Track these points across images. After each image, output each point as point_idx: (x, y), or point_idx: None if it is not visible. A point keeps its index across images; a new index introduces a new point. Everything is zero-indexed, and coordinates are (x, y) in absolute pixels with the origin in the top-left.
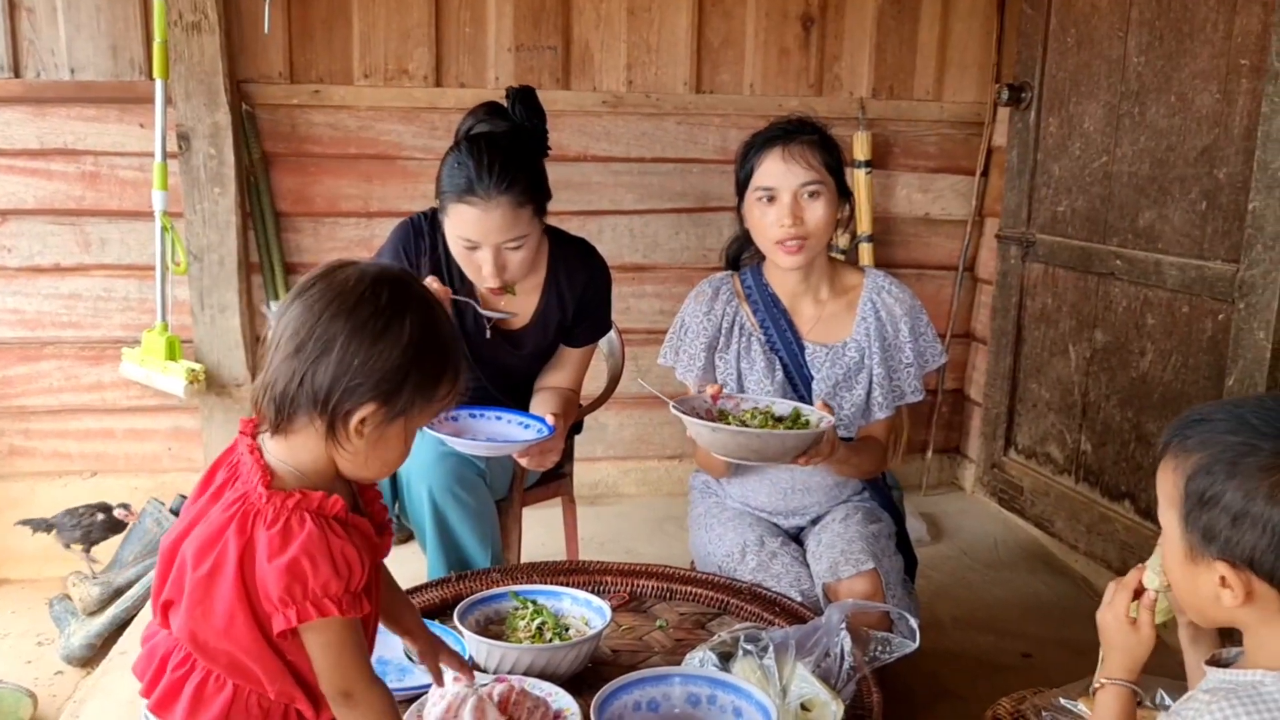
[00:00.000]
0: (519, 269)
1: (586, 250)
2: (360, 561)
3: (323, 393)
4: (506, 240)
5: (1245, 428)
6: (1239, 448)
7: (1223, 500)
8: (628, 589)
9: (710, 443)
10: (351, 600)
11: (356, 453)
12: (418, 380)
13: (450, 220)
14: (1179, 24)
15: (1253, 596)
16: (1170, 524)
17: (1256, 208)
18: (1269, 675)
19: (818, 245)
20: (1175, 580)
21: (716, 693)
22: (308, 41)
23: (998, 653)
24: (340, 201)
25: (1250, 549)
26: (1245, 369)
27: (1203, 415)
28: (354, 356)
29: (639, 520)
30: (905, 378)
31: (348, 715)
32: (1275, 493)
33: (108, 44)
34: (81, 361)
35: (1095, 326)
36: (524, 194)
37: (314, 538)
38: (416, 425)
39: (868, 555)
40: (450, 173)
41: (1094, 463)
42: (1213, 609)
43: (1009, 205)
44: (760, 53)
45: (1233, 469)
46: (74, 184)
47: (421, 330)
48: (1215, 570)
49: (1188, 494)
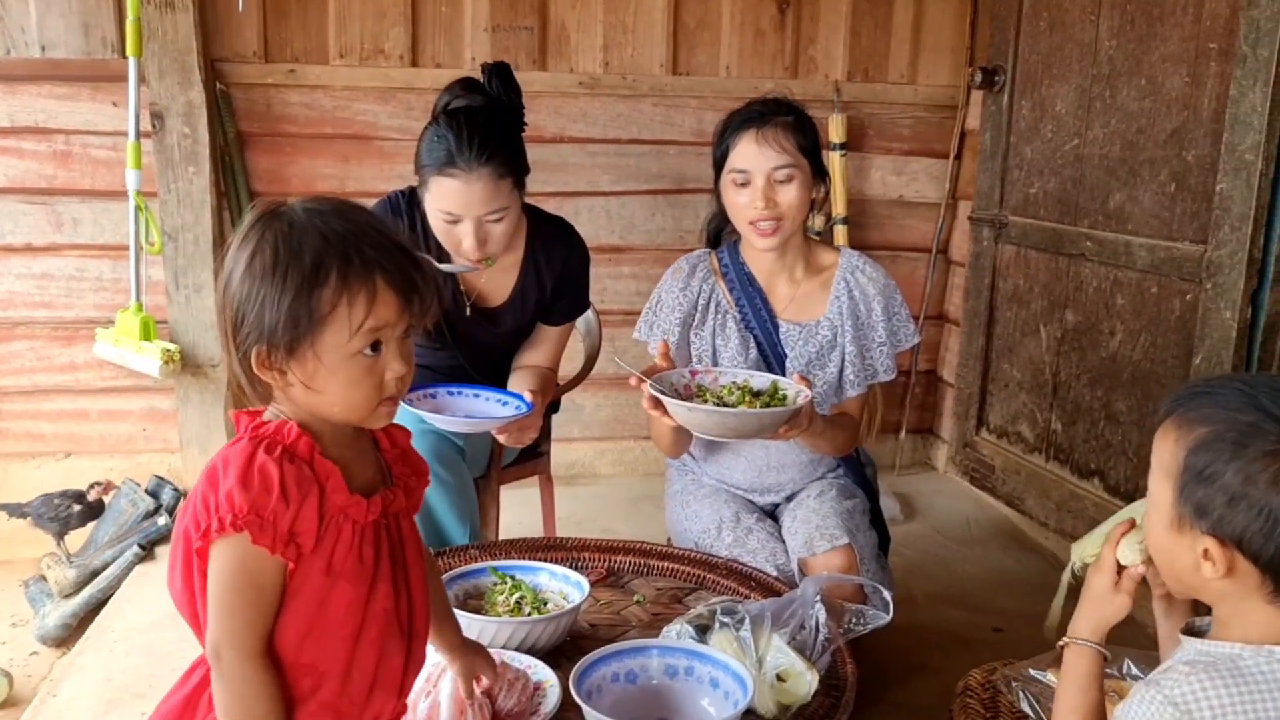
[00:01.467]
0: (499, 241)
1: (565, 229)
2: (290, 493)
3: (231, 344)
4: (488, 212)
5: (1254, 409)
6: (1246, 428)
7: (1222, 479)
8: (605, 565)
9: (688, 421)
10: (258, 525)
11: (301, 394)
12: (278, 302)
13: (431, 194)
14: (1149, 8)
15: (1233, 572)
16: (1162, 491)
17: (1224, 189)
18: (1247, 649)
19: (792, 227)
20: (1156, 545)
21: (694, 664)
22: (283, 20)
23: (969, 627)
24: (316, 181)
25: (1242, 530)
26: (1212, 348)
27: (1212, 388)
28: (231, 298)
29: (615, 500)
30: (878, 356)
31: (214, 682)
32: (1278, 479)
33: (79, 21)
34: (54, 342)
35: (1066, 307)
36: (504, 166)
37: (240, 451)
38: (343, 348)
39: (842, 531)
40: (430, 146)
41: (1064, 441)
42: (1190, 577)
43: (982, 188)
44: (736, 35)
45: (1237, 449)
46: (45, 163)
47: (274, 250)
48: (1201, 543)
49: (1187, 466)
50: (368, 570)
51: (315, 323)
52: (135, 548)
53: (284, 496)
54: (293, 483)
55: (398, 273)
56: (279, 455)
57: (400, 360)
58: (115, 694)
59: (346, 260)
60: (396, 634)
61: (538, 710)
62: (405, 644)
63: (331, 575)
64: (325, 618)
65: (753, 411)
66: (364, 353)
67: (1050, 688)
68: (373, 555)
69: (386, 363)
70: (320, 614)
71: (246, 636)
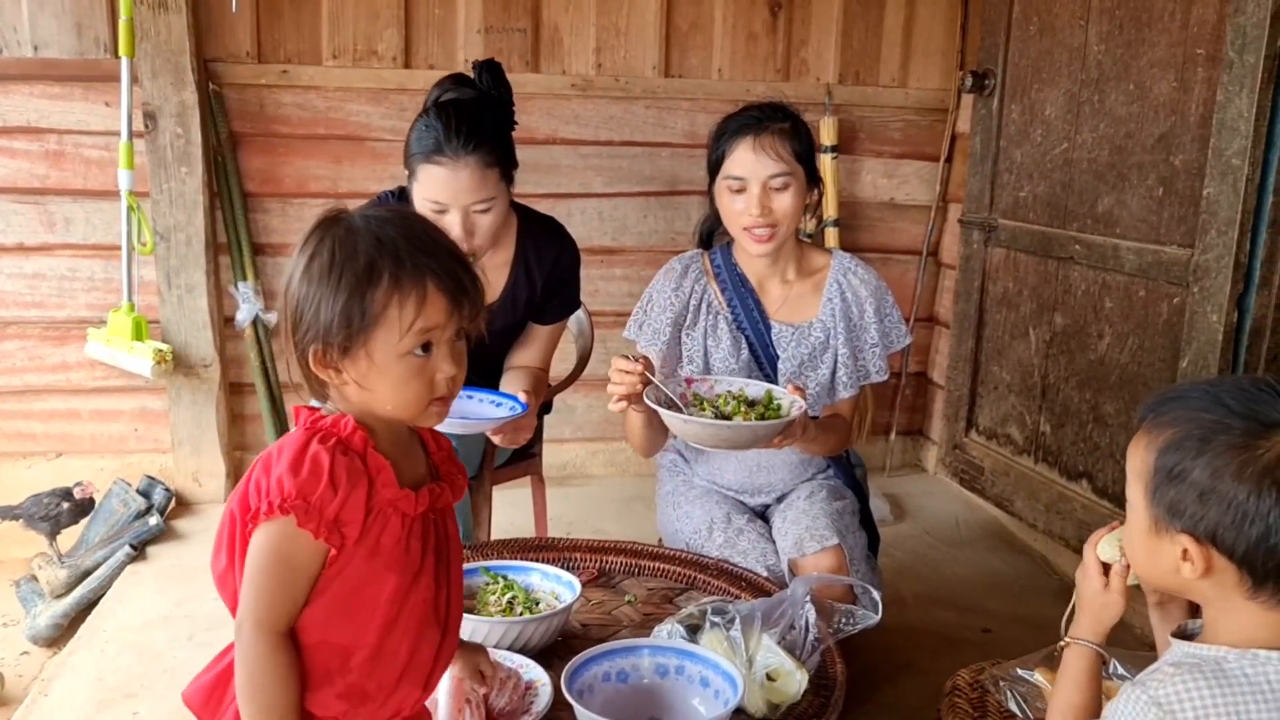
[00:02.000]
0: (487, 234)
1: (555, 228)
2: (340, 482)
3: (290, 342)
4: (474, 202)
5: (1219, 406)
6: (1211, 425)
7: (1191, 475)
8: (597, 565)
9: (683, 433)
10: (304, 509)
11: (355, 392)
12: (334, 303)
13: (419, 183)
14: (1138, 13)
15: (1211, 570)
16: (1136, 496)
17: (1211, 194)
18: (1232, 652)
19: (786, 233)
20: (1136, 552)
21: (684, 663)
22: (276, 21)
23: (958, 628)
24: (309, 182)
25: (1214, 524)
26: (1199, 351)
27: (1179, 393)
28: (291, 298)
29: (607, 501)
30: (870, 358)
31: (235, 655)
32: (1243, 471)
33: (72, 21)
34: (46, 342)
35: (1055, 310)
36: (491, 155)
37: (295, 439)
38: (394, 347)
39: (832, 531)
40: (418, 136)
41: (1053, 443)
42: (1172, 580)
43: (972, 191)
44: (728, 37)
45: (1203, 445)
46: (38, 163)
47: (330, 254)
48: (1178, 543)
49: (1157, 468)
50: (414, 562)
51: (368, 322)
52: (127, 548)
53: (332, 484)
54: (343, 472)
55: (448, 276)
56: (332, 446)
57: (450, 361)
58: (107, 694)
59: (398, 263)
60: (434, 625)
61: (530, 709)
62: (440, 636)
63: (377, 564)
64: (364, 603)
65: (747, 424)
66: (415, 353)
67: (1037, 687)
68: (420, 548)
69: (437, 364)
70: (359, 599)
71: (268, 613)
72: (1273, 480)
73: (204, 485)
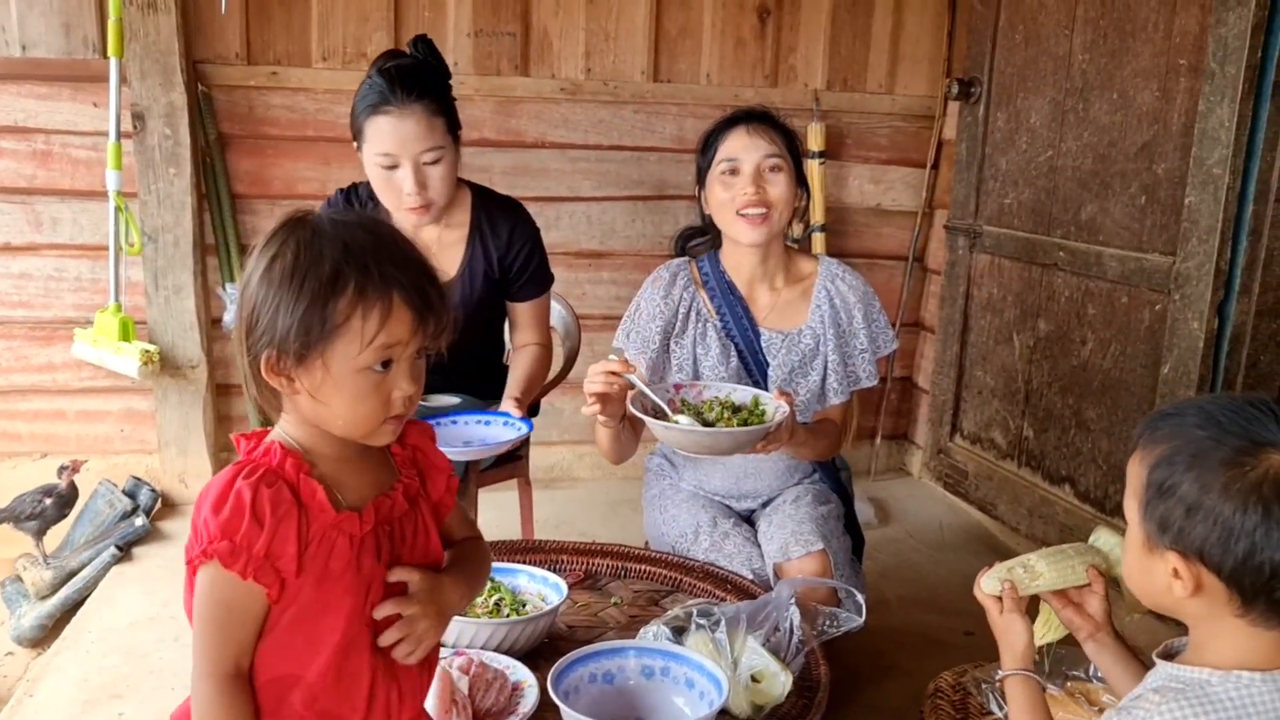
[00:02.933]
0: (440, 186)
1: (510, 203)
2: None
3: (243, 346)
4: (424, 150)
5: (1212, 424)
6: (1203, 442)
7: (1179, 491)
8: (583, 568)
9: (666, 439)
10: (229, 550)
11: (307, 404)
12: (293, 309)
13: (368, 141)
14: (1122, 23)
15: (1201, 589)
16: (1131, 513)
17: (1192, 202)
18: (1215, 674)
19: (779, 221)
20: (1131, 569)
21: (670, 665)
22: (265, 22)
23: (941, 630)
24: (297, 184)
25: (1201, 541)
26: (1180, 357)
27: (1175, 410)
28: (248, 300)
29: (594, 503)
30: (860, 363)
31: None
32: (1230, 487)
33: (60, 21)
34: (32, 342)
35: (1039, 316)
36: (436, 105)
37: (220, 477)
38: (353, 361)
39: (817, 536)
40: (363, 95)
41: (1036, 448)
42: (1165, 599)
43: (957, 197)
44: (717, 43)
45: (1193, 461)
46: (25, 162)
47: (294, 256)
48: (1168, 561)
49: (1149, 483)
50: (365, 579)
51: (328, 332)
52: (112, 548)
53: (257, 520)
54: (267, 506)
55: (415, 291)
56: (256, 479)
57: (410, 379)
58: (92, 694)
59: (365, 272)
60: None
61: (516, 710)
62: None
63: (329, 589)
64: (322, 630)
65: (727, 431)
66: (374, 368)
67: None
68: (373, 562)
69: (395, 381)
70: (316, 627)
71: (212, 659)
72: (1259, 497)
73: (190, 486)
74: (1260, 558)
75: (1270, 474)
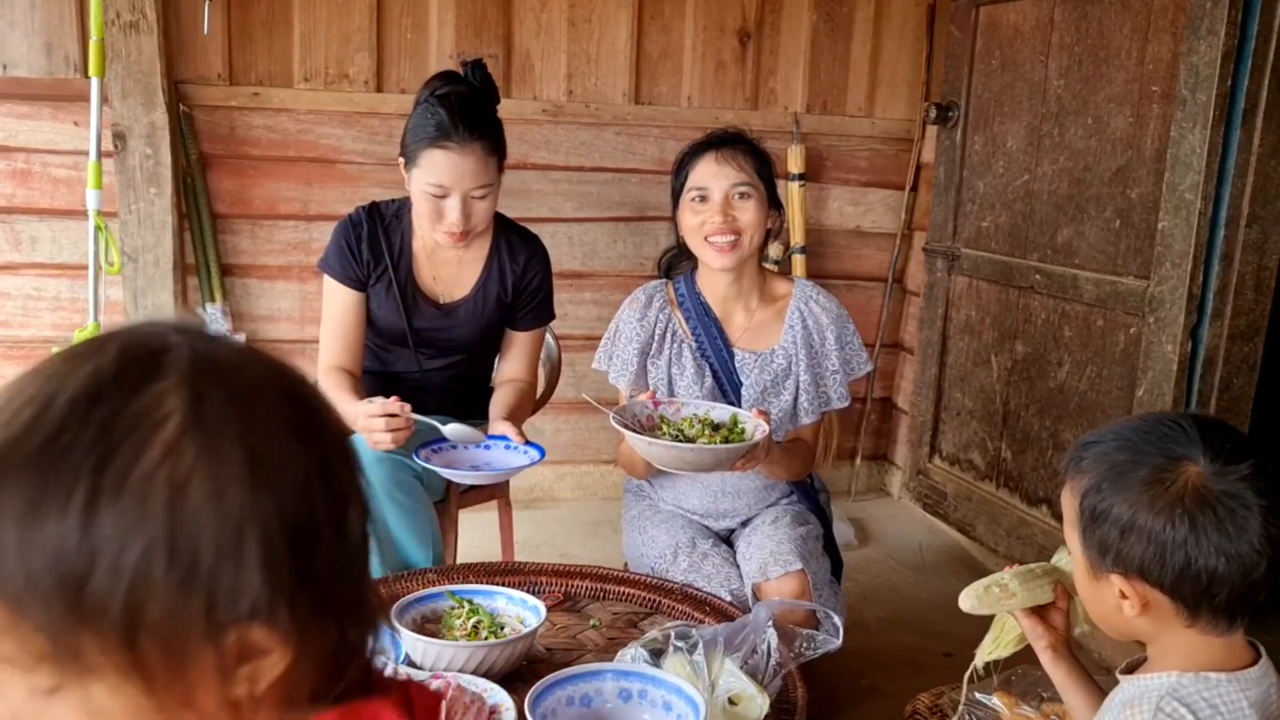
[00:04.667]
0: (482, 218)
1: (531, 235)
2: None
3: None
4: (476, 187)
5: (1129, 446)
6: (1124, 465)
7: (1111, 514)
8: (562, 589)
9: (648, 455)
10: None
11: None
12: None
13: (421, 168)
14: (1096, 50)
15: (1149, 606)
16: (1073, 543)
17: (1165, 227)
18: (1185, 676)
19: (749, 247)
20: (1084, 597)
21: (647, 688)
22: (247, 43)
23: (920, 652)
24: (279, 204)
25: (1139, 559)
26: (1154, 380)
27: (1095, 438)
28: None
29: (574, 524)
30: (831, 384)
31: None
32: (1155, 504)
33: (42, 41)
34: (10, 361)
35: (1016, 338)
36: (494, 143)
37: None
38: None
39: (796, 556)
40: (421, 122)
41: (1014, 469)
42: (1118, 621)
43: (936, 220)
44: (698, 66)
45: (1118, 484)
46: (4, 181)
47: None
48: (1113, 584)
49: (1082, 511)
50: None
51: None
52: None
53: None
54: None
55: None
56: None
57: None
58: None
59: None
60: None
61: None
62: None
63: None
64: None
65: (708, 447)
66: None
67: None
68: None
69: None
70: None
71: None
72: (1183, 509)
73: None
74: (1195, 567)
75: (1189, 485)
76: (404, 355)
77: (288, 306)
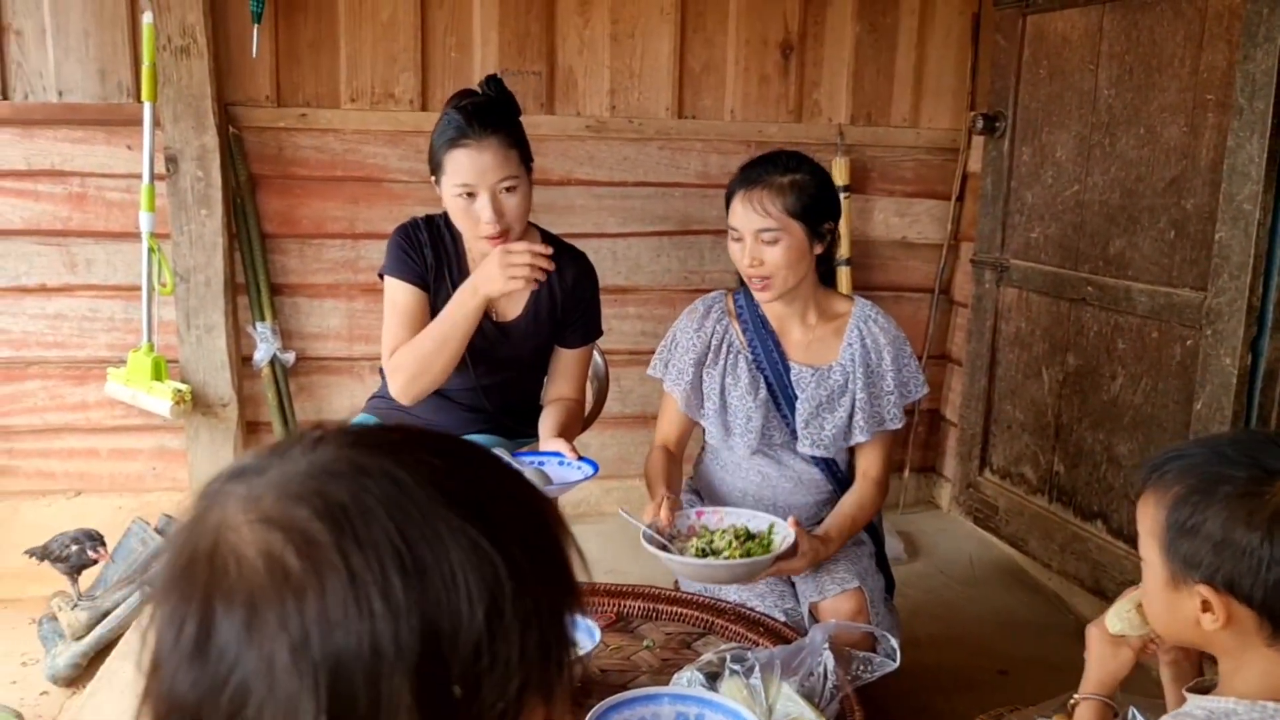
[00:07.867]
0: (516, 214)
1: (577, 252)
2: None
3: None
4: (500, 180)
5: (1220, 459)
6: (1215, 477)
7: (1204, 528)
8: (615, 609)
9: (680, 573)
10: None
11: None
12: None
13: (447, 173)
14: (1148, 59)
15: (1232, 620)
16: (1151, 554)
17: (1222, 238)
18: (1241, 704)
19: (783, 285)
20: (1155, 608)
21: (705, 711)
22: (295, 65)
23: (974, 670)
24: (326, 223)
25: (1231, 573)
26: (1213, 394)
27: (1179, 451)
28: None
29: (622, 539)
30: (886, 405)
31: None
32: (1252, 518)
33: (96, 67)
34: (66, 381)
35: (1067, 350)
36: (511, 136)
37: None
38: None
39: (852, 574)
40: (441, 130)
41: (1067, 483)
42: (1191, 633)
43: (983, 230)
44: (741, 79)
45: (1210, 497)
46: (61, 205)
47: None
48: (1197, 595)
49: (1169, 523)
50: None
51: None
52: (146, 588)
53: None
54: None
55: None
56: None
57: None
58: None
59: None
60: None
61: None
62: None
63: None
64: None
65: (724, 563)
66: None
67: None
68: None
69: None
70: None
71: None
72: None
73: None
74: None
75: None
76: (459, 373)
77: (336, 324)
